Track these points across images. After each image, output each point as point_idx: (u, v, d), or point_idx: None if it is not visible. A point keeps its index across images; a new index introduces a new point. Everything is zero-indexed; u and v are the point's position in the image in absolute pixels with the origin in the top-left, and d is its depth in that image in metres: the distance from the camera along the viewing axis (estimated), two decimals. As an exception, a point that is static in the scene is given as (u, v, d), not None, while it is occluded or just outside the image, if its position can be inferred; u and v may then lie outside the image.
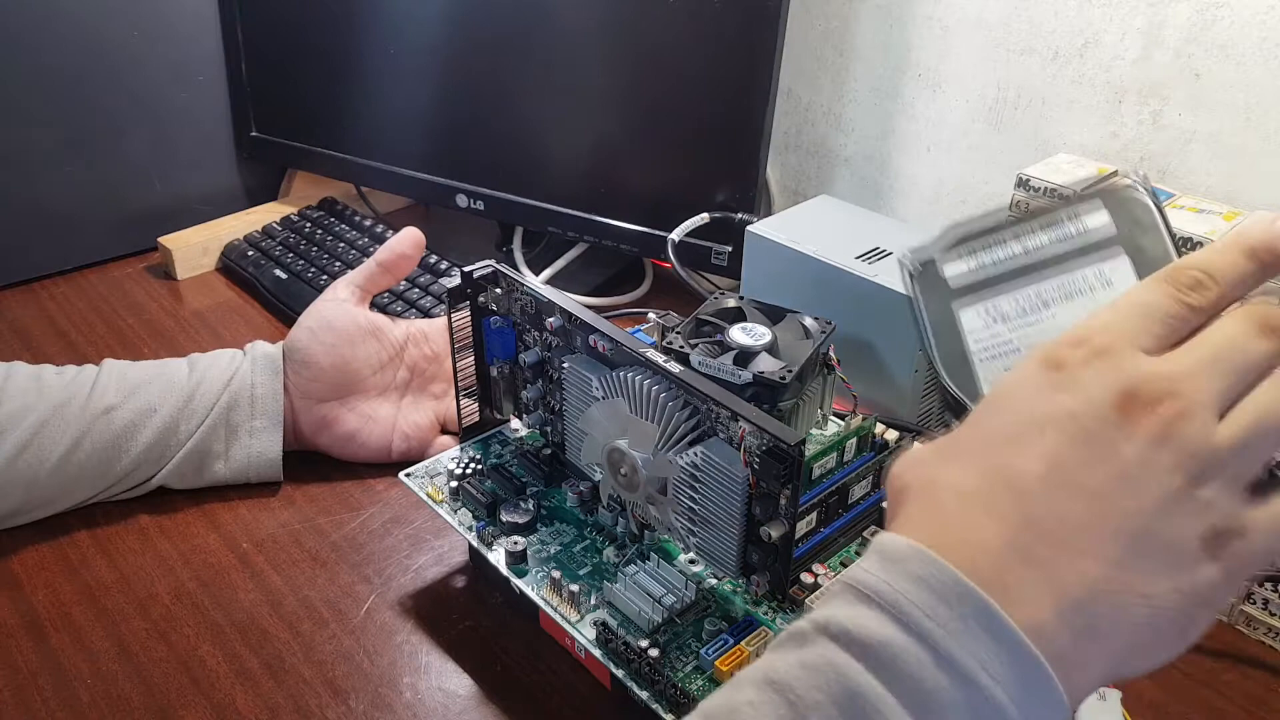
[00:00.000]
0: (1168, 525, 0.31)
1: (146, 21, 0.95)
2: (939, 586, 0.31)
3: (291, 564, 0.63)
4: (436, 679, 0.55)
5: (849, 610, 0.31)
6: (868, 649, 0.30)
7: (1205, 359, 0.32)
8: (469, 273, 0.58)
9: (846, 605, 0.32)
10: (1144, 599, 0.31)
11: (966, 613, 0.30)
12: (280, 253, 0.96)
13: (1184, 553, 0.31)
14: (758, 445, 0.46)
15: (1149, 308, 0.34)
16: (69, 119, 0.94)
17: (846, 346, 0.59)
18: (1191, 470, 0.31)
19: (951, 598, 0.30)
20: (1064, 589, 0.31)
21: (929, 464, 0.35)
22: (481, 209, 0.94)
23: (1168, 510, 0.31)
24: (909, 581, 0.31)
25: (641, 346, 0.51)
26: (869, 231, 0.70)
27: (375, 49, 0.94)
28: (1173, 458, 0.31)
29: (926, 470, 0.35)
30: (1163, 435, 0.31)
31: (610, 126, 0.87)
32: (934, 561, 0.31)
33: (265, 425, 0.67)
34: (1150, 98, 0.68)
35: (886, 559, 0.32)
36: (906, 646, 0.30)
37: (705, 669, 0.48)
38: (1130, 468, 0.31)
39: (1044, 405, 0.33)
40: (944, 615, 0.30)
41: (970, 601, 0.30)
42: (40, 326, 0.89)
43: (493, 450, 0.63)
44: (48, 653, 0.57)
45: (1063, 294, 0.40)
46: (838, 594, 0.33)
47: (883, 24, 0.83)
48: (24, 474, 0.62)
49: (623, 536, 0.57)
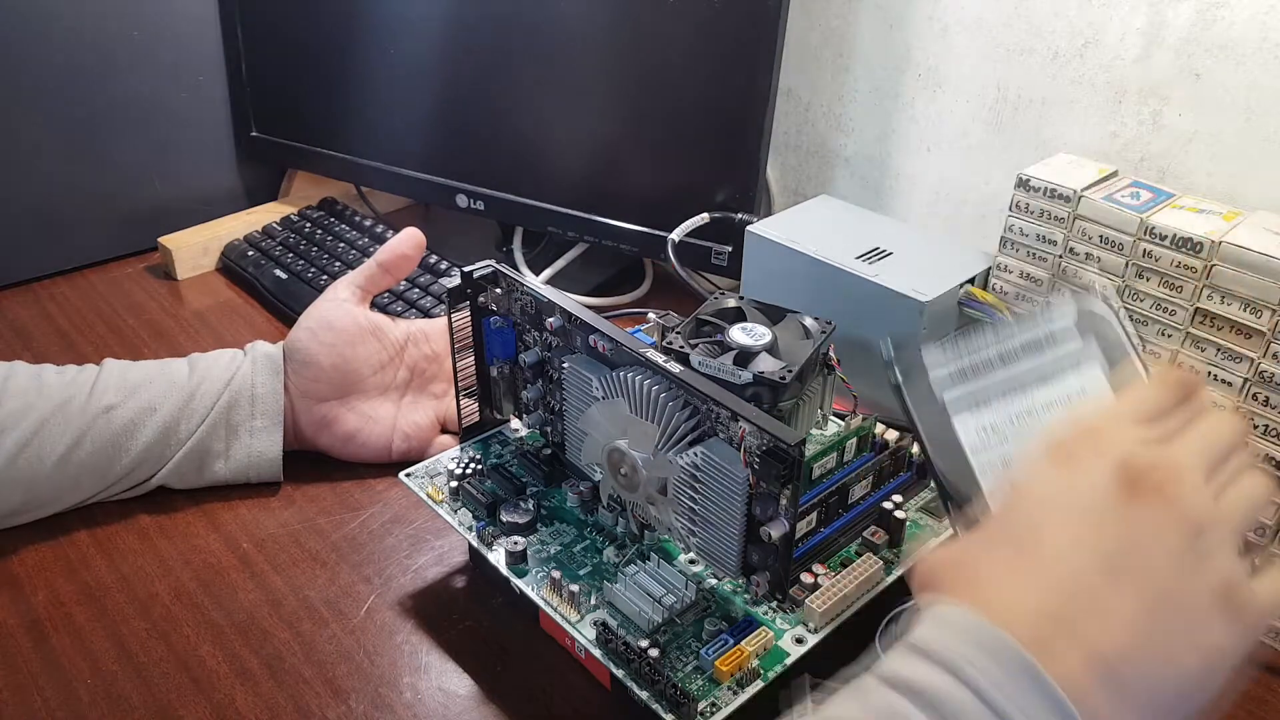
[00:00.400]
0: (1180, 583, 0.35)
1: (146, 21, 0.95)
2: (987, 645, 0.34)
3: (291, 564, 0.63)
4: (436, 679, 0.55)
5: (906, 664, 0.35)
6: (928, 699, 0.33)
7: (1190, 440, 0.39)
8: (469, 273, 0.58)
9: (903, 660, 0.35)
10: (1166, 655, 0.35)
11: (1015, 671, 0.33)
12: (280, 253, 0.96)
13: (1198, 610, 0.35)
14: (758, 445, 0.46)
15: (1142, 402, 0.40)
16: (69, 119, 0.93)
17: (846, 346, 0.59)
18: (1189, 528, 0.36)
19: (1002, 657, 0.34)
20: (1094, 647, 0.34)
21: (961, 555, 0.39)
22: (481, 209, 0.94)
23: (1178, 568, 0.36)
24: (960, 640, 0.34)
25: (641, 346, 0.51)
26: (869, 231, 0.70)
27: (375, 49, 0.94)
28: (1175, 522, 0.36)
29: (960, 559, 0.39)
30: (1164, 504, 0.36)
31: (610, 126, 0.87)
32: (983, 625, 0.35)
33: (265, 425, 0.67)
34: (1150, 98, 0.68)
35: (938, 621, 0.36)
36: (964, 699, 0.33)
37: (705, 669, 0.48)
38: (1140, 535, 0.36)
39: (1058, 493, 0.38)
40: (995, 673, 0.33)
41: (1017, 661, 0.34)
42: (40, 326, 0.89)
43: (493, 450, 0.63)
44: (48, 653, 0.57)
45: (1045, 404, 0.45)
46: (895, 652, 0.36)
47: (883, 24, 0.83)
48: (24, 473, 0.62)
49: (623, 536, 0.57)
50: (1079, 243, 0.59)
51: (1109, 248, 0.58)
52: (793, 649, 0.49)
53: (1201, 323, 0.56)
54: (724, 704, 0.47)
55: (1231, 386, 0.55)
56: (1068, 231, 0.60)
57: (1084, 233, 0.59)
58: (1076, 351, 0.45)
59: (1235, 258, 0.53)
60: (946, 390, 0.46)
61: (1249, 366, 0.54)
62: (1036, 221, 0.61)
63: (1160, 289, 0.57)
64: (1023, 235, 0.62)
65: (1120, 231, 0.57)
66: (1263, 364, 0.54)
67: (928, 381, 0.46)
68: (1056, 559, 0.36)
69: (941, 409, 0.46)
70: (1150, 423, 0.39)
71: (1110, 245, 0.58)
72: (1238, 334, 0.54)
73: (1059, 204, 0.60)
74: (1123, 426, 0.39)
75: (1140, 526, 0.36)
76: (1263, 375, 0.54)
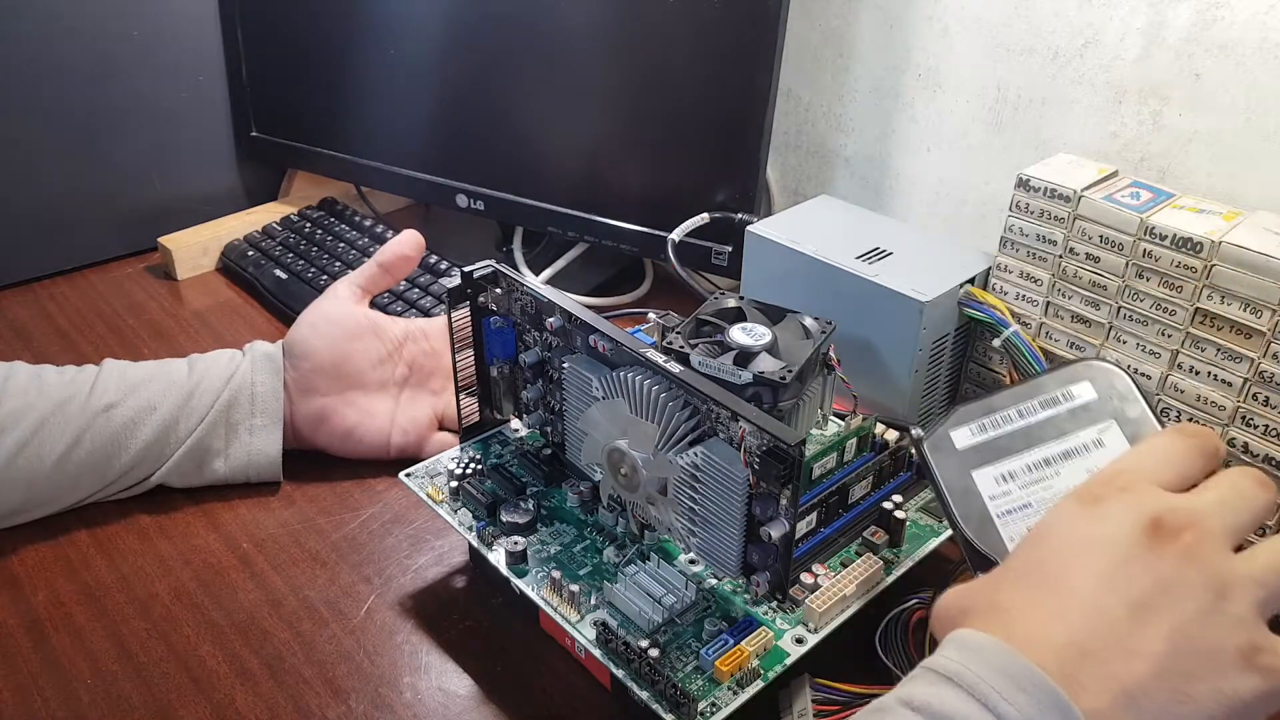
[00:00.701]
0: (1204, 633, 0.35)
1: (146, 21, 0.95)
2: (1016, 675, 0.34)
3: (291, 564, 0.63)
4: (436, 679, 0.55)
5: (931, 690, 0.35)
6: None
7: (1216, 500, 0.38)
8: (469, 273, 0.58)
9: (928, 685, 0.35)
10: (1187, 697, 0.35)
11: (1043, 701, 0.33)
12: (280, 253, 0.96)
13: (1222, 660, 0.35)
14: (758, 445, 0.46)
15: (1165, 453, 0.40)
16: (69, 119, 0.93)
17: (846, 346, 0.59)
18: (1216, 588, 0.36)
19: (1028, 686, 0.34)
20: (1118, 681, 0.34)
21: (985, 591, 0.39)
22: (481, 209, 0.94)
23: (1202, 620, 0.36)
24: (988, 669, 0.34)
25: (641, 346, 0.51)
26: (869, 231, 0.70)
27: (375, 49, 0.94)
28: (1200, 576, 0.36)
29: (986, 595, 0.39)
30: (1188, 556, 0.36)
31: (610, 126, 0.87)
32: (1010, 653, 0.35)
33: (265, 423, 0.67)
34: (1150, 98, 0.68)
35: (966, 648, 0.36)
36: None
37: (705, 669, 0.48)
38: (1165, 582, 0.36)
39: (1085, 534, 0.38)
40: (1021, 701, 0.33)
41: (1044, 691, 0.34)
42: (40, 326, 0.89)
43: (493, 450, 0.63)
44: (48, 653, 0.57)
45: (1063, 454, 0.46)
46: (918, 676, 0.36)
47: (883, 24, 0.83)
48: (24, 472, 0.62)
49: (623, 537, 0.57)
50: (1079, 243, 0.59)
51: (1109, 248, 0.58)
52: (793, 649, 0.49)
53: (1201, 323, 0.56)
54: (724, 704, 0.47)
55: (1231, 386, 0.55)
56: (1068, 231, 0.60)
57: (1084, 233, 0.59)
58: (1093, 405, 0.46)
59: (1235, 258, 0.53)
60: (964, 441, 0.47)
61: (1249, 366, 0.54)
62: (1036, 221, 0.61)
63: (1160, 289, 0.57)
64: (1023, 235, 0.62)
65: (1120, 231, 0.57)
66: (1263, 364, 0.54)
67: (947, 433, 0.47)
68: (1083, 595, 0.36)
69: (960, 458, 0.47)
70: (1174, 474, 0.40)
71: (1110, 245, 0.58)
72: (1238, 334, 0.54)
73: (1059, 204, 0.60)
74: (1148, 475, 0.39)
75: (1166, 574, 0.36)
76: (1263, 375, 0.54)
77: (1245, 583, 0.36)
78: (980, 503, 0.46)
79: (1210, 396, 0.56)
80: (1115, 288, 0.59)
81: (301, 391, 0.68)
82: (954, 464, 0.47)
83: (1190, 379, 0.57)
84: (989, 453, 0.47)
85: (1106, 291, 0.59)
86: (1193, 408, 0.57)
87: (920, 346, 0.63)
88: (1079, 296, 0.61)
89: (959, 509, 0.46)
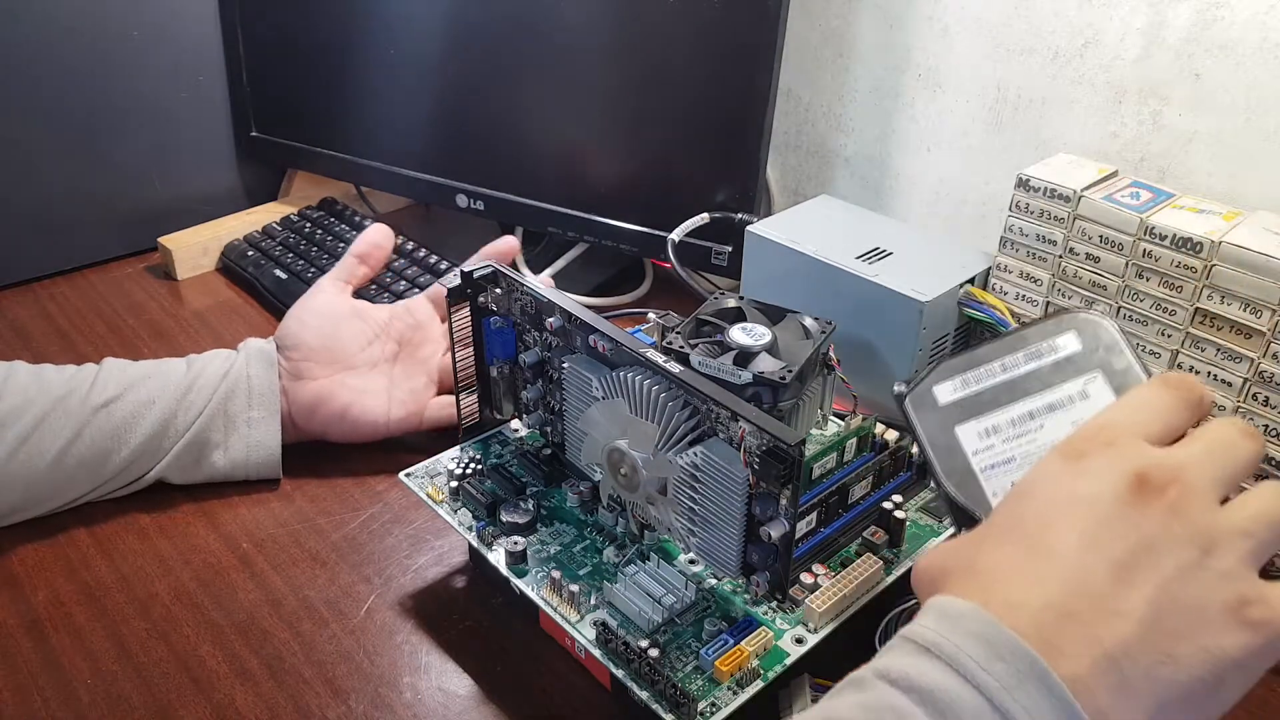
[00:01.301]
0: (1189, 591, 0.34)
1: (146, 21, 0.95)
2: (995, 644, 0.33)
3: (291, 564, 0.63)
4: (436, 679, 0.55)
5: (909, 660, 0.34)
6: (927, 695, 0.33)
7: (1202, 451, 0.37)
8: (469, 273, 0.58)
9: (906, 655, 0.34)
10: (1170, 658, 0.34)
11: (1021, 669, 0.33)
12: (280, 253, 0.96)
13: (1209, 618, 0.34)
14: (758, 445, 0.46)
15: (1150, 405, 0.39)
16: (69, 119, 0.93)
17: (846, 346, 0.59)
18: (1202, 543, 0.35)
19: (1006, 654, 0.33)
20: (1099, 644, 0.34)
21: (965, 550, 0.38)
22: (481, 209, 0.94)
23: (1186, 577, 0.35)
24: (966, 637, 0.34)
25: (641, 346, 0.51)
26: (869, 231, 0.70)
27: (375, 49, 0.94)
28: (1184, 531, 0.35)
29: (965, 554, 0.38)
30: (1172, 511, 0.35)
31: (610, 126, 0.87)
32: (989, 620, 0.34)
33: (263, 416, 0.67)
34: (1150, 98, 0.68)
35: (944, 616, 0.35)
36: (964, 695, 0.32)
37: (705, 669, 0.48)
38: (1149, 539, 0.35)
39: (1068, 490, 0.37)
40: (999, 670, 0.33)
41: (1023, 659, 0.33)
42: (40, 326, 0.89)
43: (493, 450, 0.63)
44: (48, 653, 0.57)
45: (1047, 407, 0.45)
46: (896, 646, 0.35)
47: (883, 24, 0.83)
48: (24, 467, 0.62)
49: (623, 536, 0.57)
50: (1079, 243, 0.59)
51: (1109, 248, 0.58)
52: (793, 649, 0.49)
53: (1201, 323, 0.56)
54: (724, 704, 0.47)
55: (1231, 386, 0.55)
56: (1068, 231, 0.60)
57: (1084, 233, 0.59)
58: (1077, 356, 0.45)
59: (1235, 258, 0.53)
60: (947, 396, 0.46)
61: (1249, 366, 0.54)
62: (1036, 221, 0.61)
63: (1160, 289, 0.57)
64: (1023, 235, 0.62)
65: (1120, 231, 0.57)
66: (1263, 364, 0.54)
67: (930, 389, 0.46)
68: (1064, 556, 0.36)
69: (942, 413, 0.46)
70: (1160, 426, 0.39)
71: (1110, 245, 0.58)
72: (1238, 334, 0.54)
73: (1059, 204, 0.60)
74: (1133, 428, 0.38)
75: (1150, 531, 0.35)
76: (1263, 375, 0.54)
77: (1231, 535, 0.35)
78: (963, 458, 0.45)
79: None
80: (1115, 288, 0.59)
81: (295, 379, 0.69)
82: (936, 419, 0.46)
83: (1190, 379, 0.57)
84: (972, 407, 0.46)
85: (1106, 291, 0.59)
86: (1193, 408, 0.57)
87: (920, 346, 0.63)
88: (1079, 296, 0.61)
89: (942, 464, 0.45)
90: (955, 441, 0.45)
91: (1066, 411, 0.44)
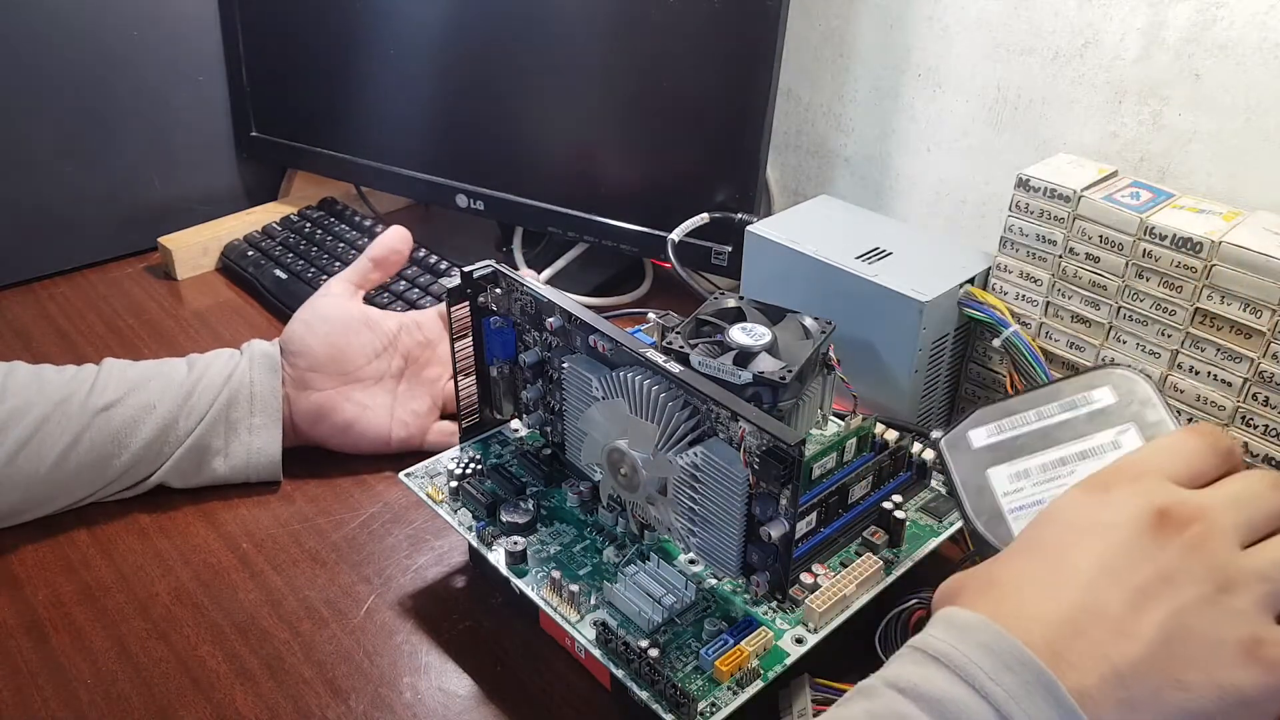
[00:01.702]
0: (1204, 624, 0.35)
1: (146, 21, 0.95)
2: (1004, 655, 0.34)
3: (291, 564, 0.63)
4: (436, 679, 0.55)
5: (918, 670, 0.34)
6: (935, 704, 0.33)
7: (1227, 497, 0.38)
8: (469, 273, 0.58)
9: (914, 665, 0.35)
10: (1180, 684, 0.34)
11: (1029, 680, 0.33)
12: (280, 253, 0.96)
13: (1221, 652, 0.34)
14: (758, 445, 0.46)
15: (1178, 449, 0.40)
16: (69, 119, 0.93)
17: (846, 346, 0.59)
18: (1219, 581, 0.35)
19: (1015, 665, 0.33)
20: (1107, 661, 0.34)
21: (984, 569, 0.39)
22: (481, 209, 0.94)
23: (1202, 611, 0.35)
24: (976, 649, 0.34)
25: (641, 346, 0.51)
26: (869, 231, 0.70)
27: (375, 49, 0.94)
28: (1203, 567, 0.35)
29: (983, 572, 0.39)
30: (1192, 548, 0.36)
31: (610, 126, 0.87)
32: (999, 632, 0.34)
33: (264, 422, 0.67)
34: (1150, 98, 0.68)
35: (954, 627, 0.35)
36: (973, 705, 0.33)
37: (705, 669, 0.48)
38: (1167, 570, 0.36)
39: (1090, 518, 0.38)
40: (1008, 681, 0.33)
41: (1031, 670, 0.33)
42: (40, 326, 0.89)
43: (493, 450, 0.63)
44: (48, 653, 0.57)
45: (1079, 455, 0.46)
46: (904, 656, 0.36)
47: (883, 24, 0.83)
48: (24, 470, 0.62)
49: (623, 536, 0.57)
50: (1079, 243, 0.59)
51: (1109, 248, 0.58)
52: (793, 649, 0.49)
53: (1201, 323, 0.56)
54: (724, 704, 0.47)
55: (1231, 386, 0.56)
56: (1068, 231, 0.60)
57: (1084, 233, 0.59)
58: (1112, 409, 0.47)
59: (1235, 258, 0.53)
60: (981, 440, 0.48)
61: (1249, 366, 0.54)
62: (1036, 221, 0.61)
63: (1160, 289, 0.57)
64: (1023, 235, 0.62)
65: (1120, 231, 0.57)
66: (1263, 364, 0.54)
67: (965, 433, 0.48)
68: (1080, 576, 0.36)
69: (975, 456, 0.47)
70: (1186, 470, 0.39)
71: (1110, 245, 0.58)
72: (1238, 334, 0.54)
73: (1059, 204, 0.60)
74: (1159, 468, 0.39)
75: (1168, 563, 0.36)
76: (1263, 375, 0.54)
77: (1250, 578, 0.36)
78: (993, 498, 0.46)
79: (1210, 396, 0.56)
80: (1115, 288, 0.59)
81: (299, 388, 0.68)
82: (969, 461, 0.47)
83: (1190, 379, 0.57)
84: (1005, 451, 0.47)
85: (1106, 291, 0.59)
86: (1193, 408, 0.57)
87: (920, 346, 0.63)
88: (1079, 296, 0.61)
89: (972, 504, 0.46)
90: (987, 482, 0.47)
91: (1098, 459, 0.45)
